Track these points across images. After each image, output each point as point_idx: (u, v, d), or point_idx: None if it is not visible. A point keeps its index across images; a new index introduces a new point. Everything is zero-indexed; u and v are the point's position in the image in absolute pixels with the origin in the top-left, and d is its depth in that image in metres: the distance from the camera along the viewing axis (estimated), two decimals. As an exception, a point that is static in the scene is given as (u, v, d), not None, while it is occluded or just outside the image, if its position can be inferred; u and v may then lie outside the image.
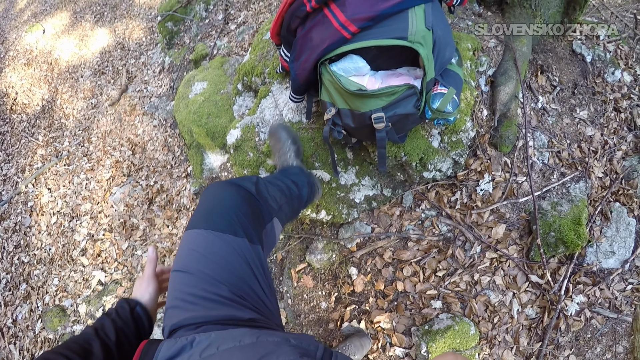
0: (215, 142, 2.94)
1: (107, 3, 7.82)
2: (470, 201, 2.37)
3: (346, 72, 1.66)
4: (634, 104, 2.76)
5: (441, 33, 1.56)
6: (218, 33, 4.26)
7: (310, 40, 1.62)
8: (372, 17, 1.48)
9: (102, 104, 5.42)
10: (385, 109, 1.56)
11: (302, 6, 1.61)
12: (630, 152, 2.57)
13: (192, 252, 1.12)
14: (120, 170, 4.34)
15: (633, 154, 2.55)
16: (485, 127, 2.27)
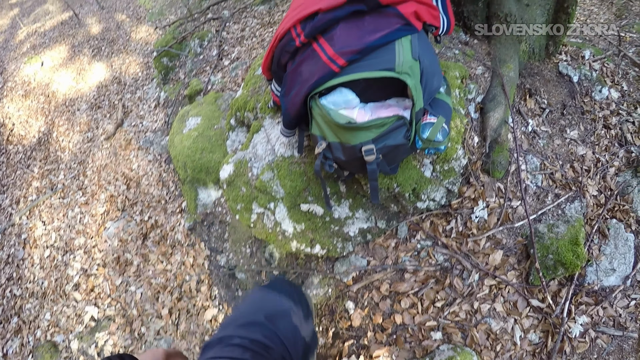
0: (209, 178, 2.91)
1: (105, 38, 7.92)
2: (466, 229, 2.32)
3: (336, 105, 1.64)
4: (622, 119, 2.75)
5: (428, 63, 1.55)
6: (212, 69, 4.29)
7: (300, 74, 1.61)
8: (360, 50, 1.47)
9: (98, 138, 5.40)
10: (375, 141, 1.54)
11: (292, 41, 1.61)
12: (622, 167, 2.54)
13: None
14: (114, 205, 4.29)
15: (626, 169, 2.52)
16: (477, 154, 2.23)
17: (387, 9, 1.54)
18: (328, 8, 1.50)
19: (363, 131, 1.52)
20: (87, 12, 9.31)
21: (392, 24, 1.52)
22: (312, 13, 1.54)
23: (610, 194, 2.41)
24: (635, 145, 2.63)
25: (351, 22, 1.53)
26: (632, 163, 2.55)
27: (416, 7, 1.57)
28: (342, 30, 1.52)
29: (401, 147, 1.59)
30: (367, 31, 1.50)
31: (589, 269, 2.19)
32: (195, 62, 4.67)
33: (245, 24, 4.90)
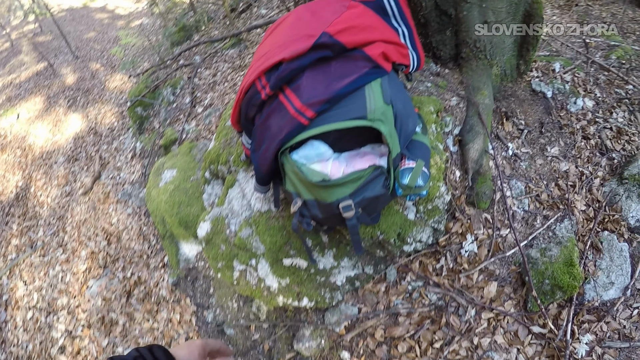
0: (188, 232, 2.76)
1: (80, 88, 7.84)
2: (457, 265, 2.20)
3: (308, 159, 1.52)
4: (600, 127, 2.70)
5: (401, 105, 1.45)
6: (186, 117, 4.20)
7: (269, 129, 1.49)
8: (328, 99, 1.37)
9: (76, 192, 5.26)
10: (352, 195, 1.41)
11: (257, 94, 1.50)
12: (607, 176, 2.48)
13: None
14: (96, 262, 4.11)
15: (611, 178, 2.45)
16: (460, 187, 2.13)
17: (354, 52, 1.45)
18: (292, 57, 1.40)
19: (339, 187, 1.40)
20: (62, 62, 9.27)
21: (360, 68, 1.42)
22: (276, 63, 1.43)
23: (598, 206, 2.34)
24: (616, 151, 2.58)
25: (317, 70, 1.43)
26: (615, 170, 2.49)
27: (384, 48, 1.48)
28: (308, 79, 1.42)
29: (381, 197, 1.47)
30: (335, 78, 1.40)
31: (587, 286, 2.10)
32: (169, 111, 4.58)
33: (217, 69, 4.85)
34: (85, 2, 15.38)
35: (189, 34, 6.98)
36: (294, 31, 1.50)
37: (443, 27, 2.28)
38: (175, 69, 5.26)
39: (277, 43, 1.51)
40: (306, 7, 1.61)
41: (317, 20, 1.49)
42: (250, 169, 2.14)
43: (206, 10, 7.71)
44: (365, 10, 1.57)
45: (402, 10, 1.67)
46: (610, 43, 4.60)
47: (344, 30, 1.43)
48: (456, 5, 2.17)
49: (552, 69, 3.06)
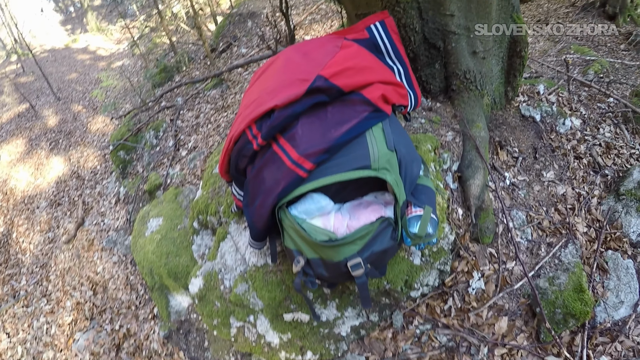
0: (178, 283, 2.55)
1: (62, 130, 7.64)
2: (465, 304, 2.05)
3: (308, 214, 1.37)
4: (590, 144, 2.67)
5: (405, 150, 1.32)
6: (170, 161, 4.05)
7: (263, 182, 1.34)
8: (327, 149, 1.23)
9: (59, 238, 5.02)
10: (360, 252, 1.26)
11: (248, 144, 1.35)
12: (603, 194, 2.43)
13: None
14: (82, 313, 3.86)
15: (607, 195, 2.41)
16: (464, 225, 2.00)
17: (352, 95, 1.32)
18: (285, 103, 1.26)
19: (346, 246, 1.24)
20: (44, 104, 9.09)
21: (359, 113, 1.29)
22: (268, 110, 1.29)
23: (599, 225, 2.27)
24: (608, 167, 2.55)
25: (313, 116, 1.29)
26: (610, 186, 2.45)
27: (383, 90, 1.35)
28: (303, 127, 1.28)
29: (389, 249, 1.32)
30: (332, 124, 1.27)
31: (598, 309, 2.02)
32: (152, 155, 4.41)
33: (199, 110, 4.74)
34: (67, 43, 15.31)
35: (170, 75, 6.91)
36: (285, 75, 1.36)
37: (432, 61, 2.19)
38: (158, 111, 5.12)
39: (267, 89, 1.37)
40: (296, 49, 1.48)
41: (309, 62, 1.36)
42: (242, 221, 1.96)
43: (186, 50, 7.68)
44: (359, 50, 1.45)
45: (396, 48, 1.55)
46: (586, 58, 4.66)
47: (339, 73, 1.30)
48: (444, 37, 2.09)
49: (537, 92, 3.03)
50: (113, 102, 7.78)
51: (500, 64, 2.42)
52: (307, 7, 7.50)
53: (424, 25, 2.05)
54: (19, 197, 6.07)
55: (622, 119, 2.98)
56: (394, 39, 1.55)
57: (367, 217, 1.33)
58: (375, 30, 1.55)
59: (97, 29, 16.69)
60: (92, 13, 17.21)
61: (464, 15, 2.05)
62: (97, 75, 10.82)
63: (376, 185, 1.42)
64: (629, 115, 2.97)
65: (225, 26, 7.48)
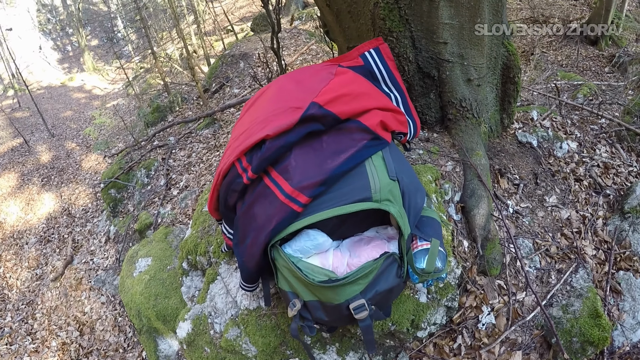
0: (167, 326, 2.37)
1: (55, 166, 7.55)
2: (475, 341, 1.89)
3: (304, 252, 1.22)
4: (588, 165, 2.63)
5: (408, 180, 1.19)
6: (161, 200, 3.94)
7: (254, 218, 1.20)
8: (324, 181, 1.10)
9: (47, 276, 4.85)
10: (364, 293, 1.11)
11: (238, 178, 1.21)
12: (607, 214, 2.37)
13: None
14: (67, 354, 3.64)
15: (612, 215, 2.35)
16: (470, 258, 1.85)
17: (349, 123, 1.20)
18: (277, 133, 1.14)
19: (348, 286, 1.10)
20: (38, 140, 9.05)
21: (357, 141, 1.18)
22: (258, 141, 1.16)
23: (607, 246, 2.20)
24: (609, 187, 2.50)
25: (307, 147, 1.18)
26: (613, 206, 2.40)
27: (382, 116, 1.24)
28: (297, 159, 1.16)
29: (395, 288, 1.18)
30: (329, 155, 1.15)
31: (615, 333, 1.91)
32: (144, 194, 4.29)
33: (192, 150, 4.67)
34: (63, 81, 15.40)
35: (164, 115, 6.90)
36: (277, 104, 1.25)
37: (427, 90, 2.10)
38: (150, 150, 5.04)
39: (257, 119, 1.25)
40: (288, 77, 1.37)
41: (302, 90, 1.25)
42: (233, 261, 1.80)
43: (180, 91, 7.70)
44: (355, 76, 1.35)
45: (392, 74, 1.46)
46: (573, 83, 4.67)
47: (335, 100, 1.19)
48: (438, 65, 2.01)
49: (531, 118, 2.99)
50: (106, 141, 7.71)
51: (495, 91, 2.35)
52: (298, 47, 7.60)
53: (417, 54, 1.97)
54: (7, 232, 5.89)
55: (616, 138, 2.97)
56: (390, 65, 1.45)
57: (369, 254, 1.19)
58: (370, 57, 1.46)
59: (94, 69, 16.85)
60: (89, 53, 17.41)
61: (457, 43, 1.98)
62: (91, 113, 10.81)
63: (377, 220, 1.28)
64: (622, 133, 2.97)
65: (218, 67, 7.52)
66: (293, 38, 8.06)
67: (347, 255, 1.23)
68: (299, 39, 8.00)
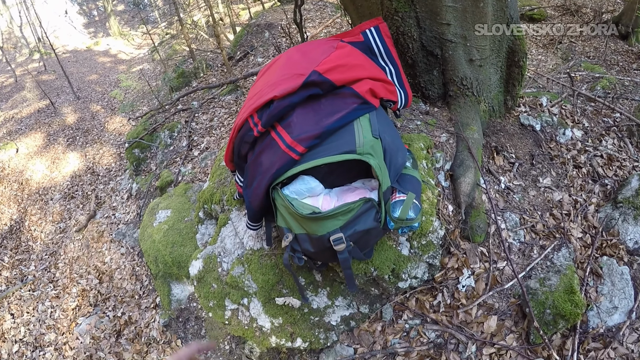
0: (181, 272, 2.69)
1: (80, 127, 7.89)
2: (454, 300, 2.12)
3: (299, 194, 1.51)
4: (591, 155, 2.70)
5: (390, 139, 1.45)
6: (182, 159, 4.23)
7: (261, 165, 1.49)
8: (318, 135, 1.38)
9: (70, 229, 5.19)
10: (343, 229, 1.39)
11: (250, 131, 1.50)
12: (601, 202, 2.45)
13: None
14: (86, 300, 4.01)
15: (605, 203, 2.43)
16: (454, 222, 2.09)
17: (343, 89, 1.47)
18: (283, 95, 1.42)
19: (329, 220, 1.38)
20: (64, 102, 9.38)
21: (349, 104, 1.44)
22: (268, 101, 1.45)
23: (595, 232, 2.29)
24: (608, 178, 2.57)
25: (308, 107, 1.45)
26: (609, 196, 2.47)
27: (371, 85, 1.50)
28: (299, 116, 1.43)
29: (372, 230, 1.45)
30: (325, 114, 1.42)
31: (590, 313, 2.02)
32: (166, 154, 4.60)
33: (214, 114, 4.93)
34: (89, 45, 15.83)
35: (188, 80, 7.15)
36: (285, 70, 1.52)
37: (430, 67, 2.32)
38: (174, 113, 5.34)
39: (268, 82, 1.52)
40: (297, 49, 1.64)
41: (306, 60, 1.51)
42: (243, 208, 2.11)
43: (205, 58, 7.93)
44: (352, 50, 1.61)
45: (388, 50, 1.71)
46: (595, 75, 4.72)
47: (332, 69, 1.45)
48: (442, 45, 2.22)
49: (540, 103, 3.08)
50: (131, 104, 8.05)
51: (499, 73, 2.53)
52: (323, 20, 7.75)
53: (421, 33, 2.19)
54: (33, 188, 6.29)
55: (626, 133, 3.00)
56: (387, 42, 1.71)
57: (352, 199, 1.46)
58: (370, 34, 1.71)
59: (119, 34, 17.25)
60: (114, 18, 17.81)
61: (460, 25, 2.18)
62: (117, 77, 11.16)
63: (363, 173, 1.55)
64: (633, 129, 2.99)
65: (244, 36, 7.75)
66: (319, 10, 8.20)
67: (334, 200, 1.51)
68: (324, 12, 8.13)
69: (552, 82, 4.03)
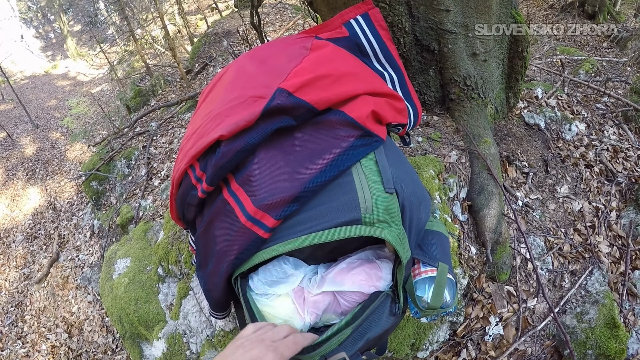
0: (150, 332, 2.14)
1: (40, 159, 7.39)
2: (481, 354, 1.67)
3: (272, 284, 0.92)
4: (598, 149, 2.44)
5: (409, 189, 0.88)
6: (142, 191, 3.71)
7: (214, 241, 0.89)
8: (296, 197, 0.80)
9: (35, 275, 4.69)
10: (346, 345, 0.81)
11: (193, 190, 0.91)
12: (620, 204, 2.20)
13: None
14: (57, 357, 3.56)
15: (626, 206, 2.19)
16: (478, 265, 1.58)
17: (328, 115, 0.88)
18: (232, 133, 0.82)
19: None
20: (22, 132, 8.84)
21: (341, 140, 0.86)
22: (212, 143, 0.84)
23: (622, 242, 2.02)
24: (619, 172, 2.33)
25: (274, 148, 0.86)
26: (625, 195, 2.23)
27: (373, 104, 0.92)
28: (262, 165, 0.84)
29: (390, 329, 0.89)
30: (302, 159, 0.84)
31: (630, 341, 1.72)
32: (124, 185, 4.06)
33: (173, 135, 4.41)
34: (47, 69, 14.91)
35: (146, 99, 6.63)
36: (234, 92, 0.92)
37: (426, 66, 1.78)
38: (131, 137, 4.74)
39: (211, 113, 0.92)
40: (250, 55, 1.05)
41: (266, 72, 0.93)
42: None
43: (162, 73, 7.33)
44: (336, 51, 1.02)
45: (386, 47, 1.10)
46: (574, 58, 4.38)
47: (309, 83, 0.86)
48: (439, 37, 1.69)
49: (535, 96, 2.74)
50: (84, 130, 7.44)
51: (501, 67, 2.05)
52: (283, 23, 7.25)
53: (414, 24, 1.64)
54: (-6, 231, 5.68)
55: (622, 119, 2.81)
56: (383, 35, 1.09)
57: (353, 281, 0.89)
58: (357, 25, 1.09)
59: (77, 55, 16.31)
60: (72, 39, 16.77)
61: (461, 11, 1.66)
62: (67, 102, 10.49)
63: (370, 240, 0.99)
64: (629, 114, 2.79)
65: (201, 47, 7.18)
66: (278, 13, 7.71)
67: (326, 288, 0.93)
68: (284, 14, 7.65)
69: (541, 70, 3.61)
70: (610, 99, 2.97)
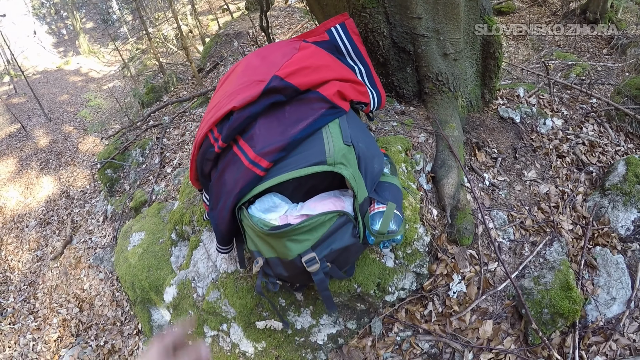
0: (159, 297, 2.52)
1: (53, 150, 7.68)
2: (446, 308, 2.00)
3: (265, 212, 1.35)
4: (573, 143, 2.66)
5: (364, 145, 1.31)
6: (155, 178, 4.10)
7: (224, 184, 1.34)
8: (284, 147, 1.23)
9: (48, 256, 5.02)
10: (317, 248, 1.24)
11: (211, 147, 1.35)
12: (588, 190, 2.41)
13: None
14: (68, 330, 3.85)
15: (593, 191, 2.38)
16: (440, 226, 1.97)
17: (308, 94, 1.32)
18: (242, 105, 1.27)
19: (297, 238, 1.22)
20: (35, 124, 9.17)
21: (316, 110, 1.30)
22: (227, 113, 1.30)
23: (585, 222, 2.23)
24: (592, 164, 2.53)
25: (271, 116, 1.30)
26: (595, 183, 2.43)
27: (339, 86, 1.36)
28: (261, 128, 1.29)
29: (351, 247, 1.30)
30: (290, 123, 1.27)
31: (589, 307, 1.95)
32: (139, 172, 4.45)
33: (185, 128, 4.81)
34: (59, 65, 15.45)
35: (159, 95, 7.05)
36: (244, 78, 1.37)
37: (403, 65, 2.20)
38: (145, 130, 5.18)
39: (226, 92, 1.38)
40: (256, 54, 1.50)
41: (266, 64, 1.37)
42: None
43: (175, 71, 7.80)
44: (317, 51, 1.47)
45: (357, 48, 1.57)
46: (567, 63, 4.71)
47: (295, 72, 1.31)
48: (413, 40, 2.10)
49: (517, 95, 3.03)
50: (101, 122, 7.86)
51: (475, 66, 2.43)
52: (292, 26, 7.65)
53: (392, 29, 2.07)
54: (8, 216, 6.08)
55: (605, 118, 3.00)
56: (355, 39, 1.56)
57: (323, 208, 1.31)
58: (336, 32, 1.56)
59: (89, 51, 16.88)
60: (84, 36, 17.41)
61: (432, 18, 2.07)
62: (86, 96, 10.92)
63: (337, 185, 1.41)
64: (612, 113, 2.99)
65: (213, 47, 7.62)
66: (287, 16, 8.10)
67: (304, 212, 1.35)
68: (293, 17, 8.04)
69: (526, 72, 3.97)
70: (598, 101, 3.18)
